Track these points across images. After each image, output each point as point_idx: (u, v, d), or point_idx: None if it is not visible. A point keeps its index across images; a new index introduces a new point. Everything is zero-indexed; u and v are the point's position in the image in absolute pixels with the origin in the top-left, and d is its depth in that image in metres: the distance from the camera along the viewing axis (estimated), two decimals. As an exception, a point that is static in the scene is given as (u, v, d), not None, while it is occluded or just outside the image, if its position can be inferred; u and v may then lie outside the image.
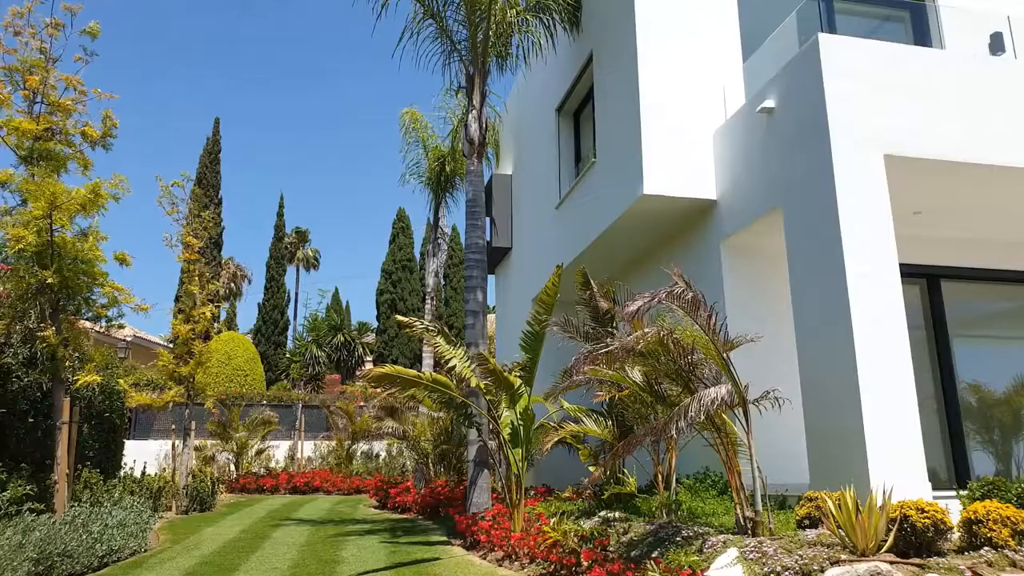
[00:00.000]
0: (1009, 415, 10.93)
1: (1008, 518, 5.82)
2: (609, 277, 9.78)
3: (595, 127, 11.65)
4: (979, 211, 9.47)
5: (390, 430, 14.55)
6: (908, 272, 9.84)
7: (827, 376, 7.47)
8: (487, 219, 16.38)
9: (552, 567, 6.99)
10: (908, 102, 8.15)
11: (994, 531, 5.77)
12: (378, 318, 37.83)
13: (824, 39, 8.03)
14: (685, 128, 9.91)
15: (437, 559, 8.23)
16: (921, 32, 11.31)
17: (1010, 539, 5.72)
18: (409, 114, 17.74)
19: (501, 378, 8.73)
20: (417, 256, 38.97)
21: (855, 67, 8.06)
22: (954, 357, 10.47)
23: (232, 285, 45.34)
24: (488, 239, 16.31)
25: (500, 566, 7.80)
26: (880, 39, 9.12)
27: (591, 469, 9.42)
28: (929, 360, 9.97)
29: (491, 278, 18.35)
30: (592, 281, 9.20)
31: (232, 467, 19.49)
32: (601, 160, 11.23)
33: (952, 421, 9.73)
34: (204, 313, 14.38)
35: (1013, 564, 5.53)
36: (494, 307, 19.56)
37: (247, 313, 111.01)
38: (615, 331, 8.83)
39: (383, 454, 21.28)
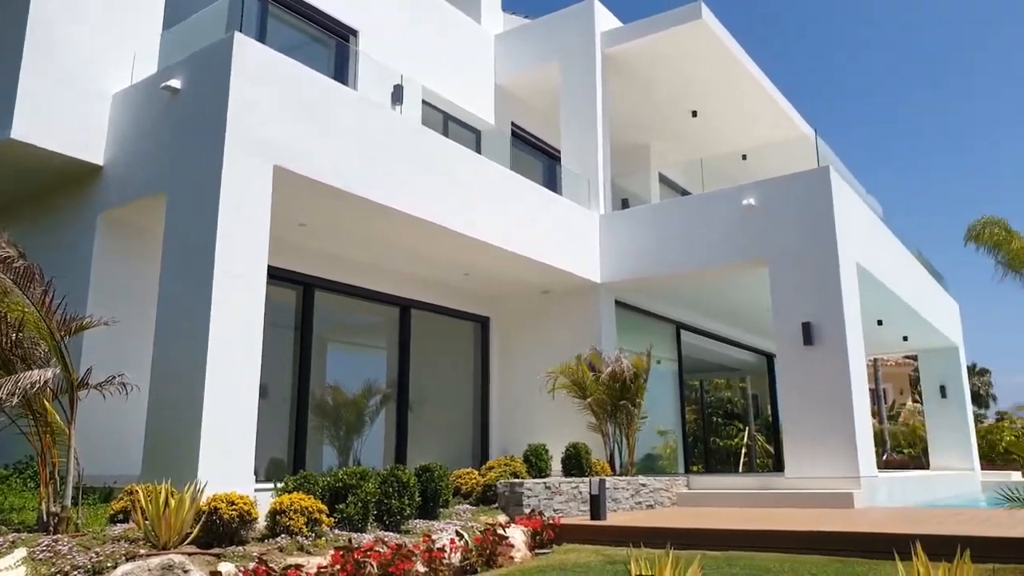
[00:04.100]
0: (355, 415, 12.61)
1: (306, 508, 6.57)
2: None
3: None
4: (357, 235, 10.68)
5: None
6: (287, 278, 10.59)
7: (177, 368, 7.42)
8: None
9: None
10: (310, 125, 8.69)
11: (293, 520, 6.45)
12: None
13: (240, 40, 8.07)
14: (81, 79, 8.82)
15: None
16: (341, 65, 12.40)
17: (304, 527, 6.46)
18: None
19: None
20: None
21: (266, 77, 8.29)
22: (325, 360, 11.60)
23: None
24: None
25: None
26: (305, 56, 9.61)
27: None
28: (294, 361, 10.83)
29: None
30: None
31: None
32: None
33: (301, 418, 10.70)
34: None
35: (301, 548, 6.26)
36: None
37: None
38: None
39: None
